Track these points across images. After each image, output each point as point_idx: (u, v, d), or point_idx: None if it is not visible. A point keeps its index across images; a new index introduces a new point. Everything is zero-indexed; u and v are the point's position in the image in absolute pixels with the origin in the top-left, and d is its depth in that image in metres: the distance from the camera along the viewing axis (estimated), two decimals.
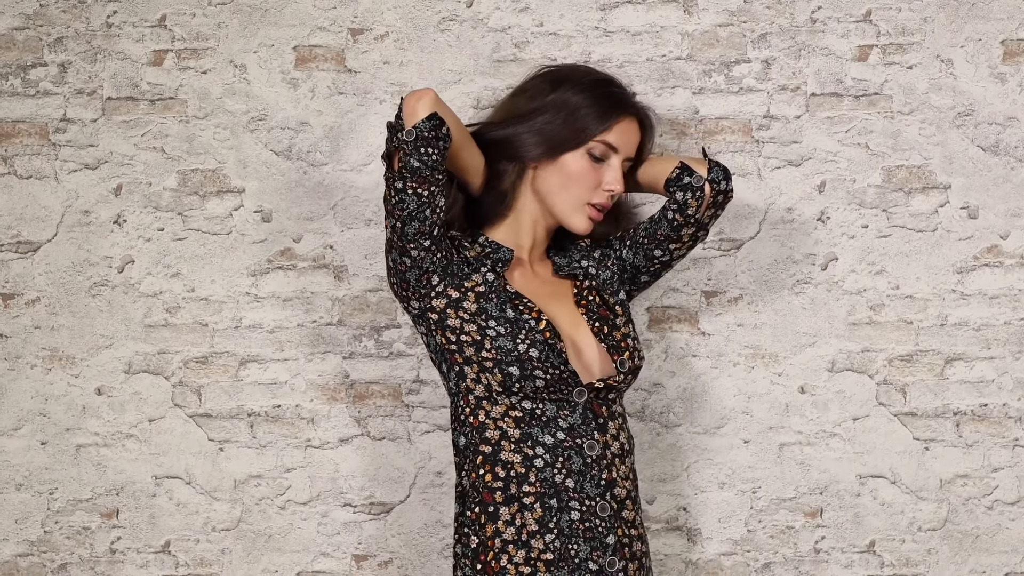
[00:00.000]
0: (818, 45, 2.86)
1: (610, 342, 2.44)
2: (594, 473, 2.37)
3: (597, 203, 2.44)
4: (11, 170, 2.89)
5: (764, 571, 2.90)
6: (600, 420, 2.40)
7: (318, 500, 2.90)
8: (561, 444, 2.36)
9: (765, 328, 2.88)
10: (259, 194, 2.89)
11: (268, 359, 2.90)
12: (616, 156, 2.43)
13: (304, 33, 2.88)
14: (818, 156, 2.87)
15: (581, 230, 2.46)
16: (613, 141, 2.42)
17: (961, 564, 2.89)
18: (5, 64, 2.88)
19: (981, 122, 2.86)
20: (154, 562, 2.91)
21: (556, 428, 2.36)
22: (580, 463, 2.36)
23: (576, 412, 2.38)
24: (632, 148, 2.47)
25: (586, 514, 2.36)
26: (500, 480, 2.35)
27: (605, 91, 2.44)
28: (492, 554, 2.34)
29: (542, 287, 2.49)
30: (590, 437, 2.37)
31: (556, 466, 2.35)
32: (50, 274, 2.89)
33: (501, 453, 2.36)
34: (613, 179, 2.43)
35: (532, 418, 2.36)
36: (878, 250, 2.87)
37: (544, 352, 2.34)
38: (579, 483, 2.36)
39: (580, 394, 2.37)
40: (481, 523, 2.35)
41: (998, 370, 2.87)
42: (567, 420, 2.37)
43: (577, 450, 2.37)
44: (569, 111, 2.40)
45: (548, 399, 2.36)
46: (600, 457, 2.38)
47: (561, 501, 2.35)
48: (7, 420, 2.91)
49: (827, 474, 2.89)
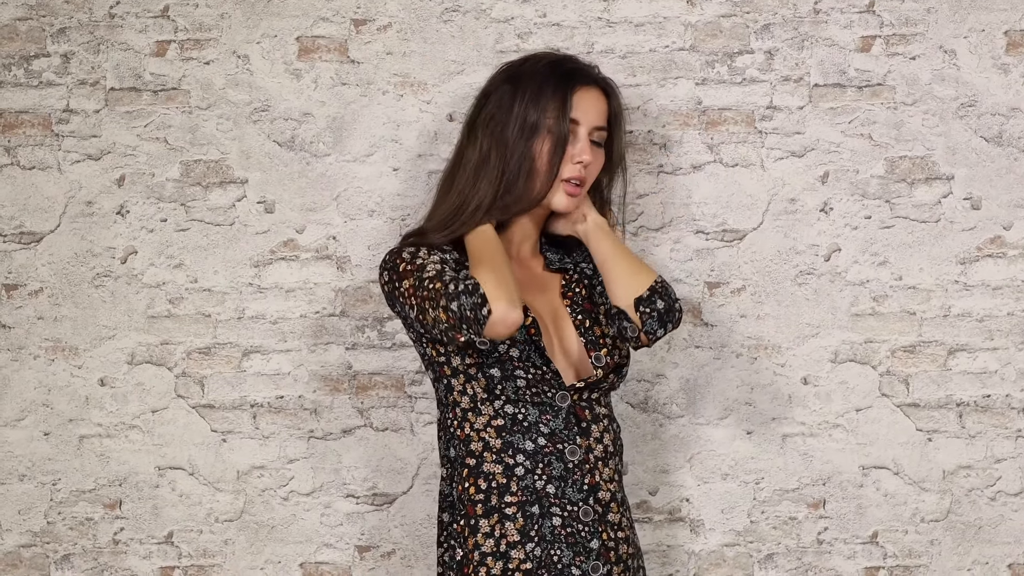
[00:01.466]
0: (821, 36, 2.86)
1: (589, 336, 2.45)
2: (576, 478, 2.36)
3: (570, 177, 2.41)
4: (14, 161, 2.89)
5: (767, 562, 2.90)
6: (583, 424, 2.39)
7: (321, 491, 2.90)
8: (542, 450, 2.36)
9: (768, 319, 2.88)
10: (262, 185, 2.89)
11: (271, 350, 2.90)
12: (581, 127, 2.40)
13: (307, 24, 2.88)
14: (821, 147, 2.87)
15: (562, 207, 2.44)
16: (572, 114, 2.39)
17: (964, 555, 2.89)
18: (8, 55, 2.88)
19: (984, 113, 2.85)
20: (157, 553, 2.91)
21: (537, 434, 2.36)
22: (561, 468, 2.36)
23: (559, 417, 2.37)
24: (598, 116, 2.43)
25: (568, 519, 2.35)
26: (482, 492, 2.36)
27: (558, 70, 2.42)
28: (472, 566, 2.35)
29: (531, 281, 2.48)
30: (572, 442, 2.37)
31: (537, 472, 2.35)
32: (53, 265, 2.89)
33: (483, 465, 2.37)
34: (580, 150, 2.40)
35: (514, 424, 2.36)
36: (881, 241, 2.87)
37: (525, 352, 2.34)
38: (560, 488, 2.36)
39: (563, 399, 2.37)
40: (464, 536, 2.37)
41: (1001, 361, 2.87)
42: (548, 425, 2.37)
43: (558, 455, 2.36)
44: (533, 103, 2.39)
45: (531, 402, 2.36)
46: (582, 462, 2.37)
47: (543, 507, 2.35)
48: (10, 411, 2.91)
49: (830, 465, 2.89)
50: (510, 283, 2.27)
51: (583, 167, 2.41)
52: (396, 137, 2.87)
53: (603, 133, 2.46)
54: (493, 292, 2.24)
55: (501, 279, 2.26)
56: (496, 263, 2.30)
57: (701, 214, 2.87)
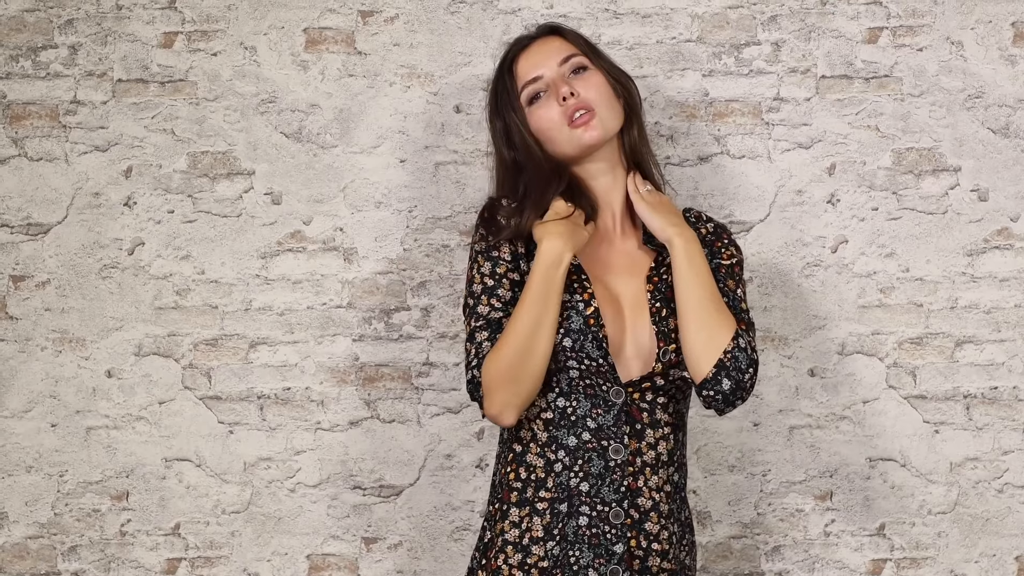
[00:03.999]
0: (828, 27, 2.86)
1: (663, 328, 2.28)
2: (615, 478, 2.26)
3: (570, 116, 2.30)
4: (22, 152, 2.89)
5: (774, 554, 2.90)
6: (637, 426, 2.27)
7: (328, 483, 2.90)
8: (584, 446, 2.26)
9: (775, 311, 2.88)
10: (269, 176, 2.89)
11: (278, 342, 2.90)
12: (542, 80, 2.33)
13: (314, 15, 2.88)
14: (828, 138, 2.86)
15: (587, 141, 2.31)
16: (525, 74, 2.34)
17: (971, 547, 2.89)
18: (16, 46, 2.89)
19: (991, 104, 2.85)
20: (164, 544, 2.91)
21: (583, 428, 2.26)
22: (601, 466, 2.26)
23: (610, 413, 2.26)
24: (551, 57, 2.34)
25: (595, 519, 2.26)
26: (520, 481, 2.30)
27: (501, 58, 2.40)
28: (495, 550, 2.30)
29: (618, 258, 2.36)
30: (618, 440, 2.26)
31: (575, 469, 2.26)
32: (60, 256, 2.90)
33: (527, 455, 2.30)
34: (559, 94, 2.31)
35: (562, 418, 2.27)
36: (888, 232, 2.87)
37: (579, 342, 2.24)
38: (595, 487, 2.26)
39: (617, 394, 2.26)
40: (495, 519, 2.32)
41: (1008, 353, 2.87)
42: (596, 420, 2.26)
43: (600, 452, 2.26)
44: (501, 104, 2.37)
45: (584, 394, 2.27)
46: (626, 463, 2.26)
47: (572, 506, 2.26)
48: (17, 402, 2.91)
49: (837, 457, 2.89)
50: (521, 376, 2.20)
51: (570, 97, 2.30)
52: (403, 128, 2.88)
53: (575, 60, 2.34)
54: (492, 388, 2.21)
55: (512, 369, 2.20)
56: (524, 333, 2.20)
57: (708, 206, 2.87)
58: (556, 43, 2.36)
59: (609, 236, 2.37)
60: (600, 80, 2.34)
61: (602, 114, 2.31)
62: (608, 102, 2.33)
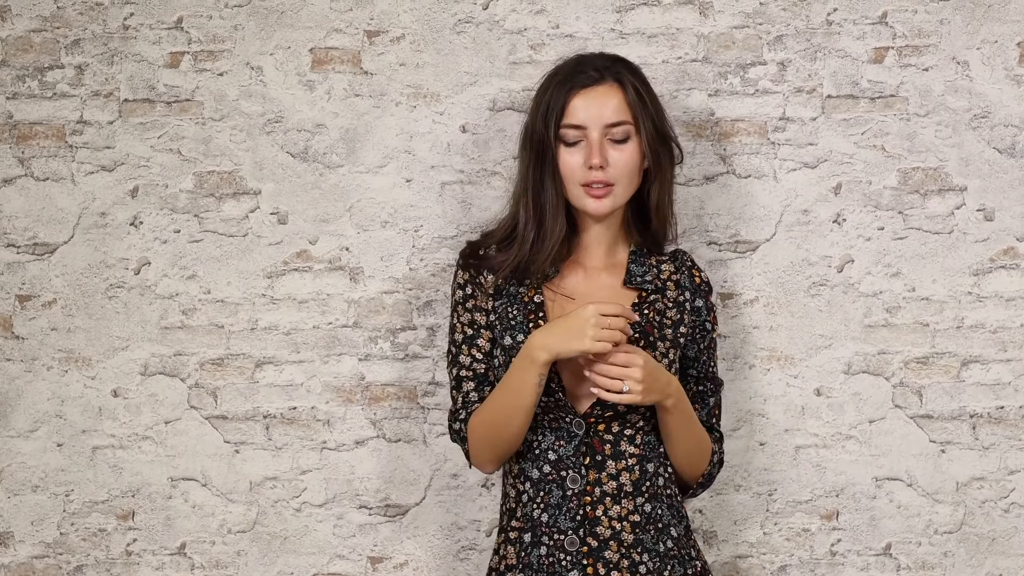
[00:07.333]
0: (834, 47, 2.86)
1: None
2: (571, 507, 2.31)
3: (589, 182, 2.33)
4: (28, 172, 2.90)
5: (780, 574, 2.89)
6: (598, 457, 2.33)
7: (333, 502, 2.90)
8: (545, 478, 2.34)
9: (781, 330, 2.88)
10: (275, 196, 2.89)
11: (284, 361, 2.90)
12: (584, 131, 2.33)
13: (320, 35, 2.88)
14: (834, 158, 2.87)
15: (593, 211, 2.36)
16: (572, 115, 2.33)
17: (978, 567, 2.88)
18: (22, 66, 2.89)
19: (997, 124, 2.85)
20: (170, 564, 2.91)
21: (544, 461, 2.34)
22: (559, 496, 2.33)
23: (571, 444, 2.33)
24: (608, 113, 2.33)
25: (552, 548, 2.32)
26: (505, 511, 2.43)
27: (562, 76, 2.37)
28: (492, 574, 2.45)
29: (596, 294, 2.39)
30: (575, 471, 2.32)
31: (536, 500, 2.34)
32: (66, 276, 2.90)
33: (506, 485, 2.45)
34: (590, 154, 2.31)
35: (528, 451, 2.36)
36: (894, 252, 2.87)
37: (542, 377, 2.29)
38: (553, 517, 2.32)
39: (579, 426, 2.33)
40: (497, 544, 2.45)
41: (1014, 372, 2.87)
42: (557, 452, 2.33)
43: (559, 483, 2.33)
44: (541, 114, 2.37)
45: (548, 427, 2.35)
46: (582, 492, 2.32)
47: (535, 536, 2.34)
48: (23, 422, 2.91)
49: (843, 476, 2.88)
50: (499, 444, 2.35)
51: (595, 168, 2.32)
52: (409, 148, 2.88)
53: (622, 129, 2.34)
54: (474, 447, 2.40)
55: (491, 439, 2.36)
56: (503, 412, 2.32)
57: (714, 225, 2.87)
58: (614, 100, 2.34)
59: (596, 271, 2.44)
60: (633, 152, 2.36)
61: (618, 190, 2.36)
62: (630, 177, 2.38)
